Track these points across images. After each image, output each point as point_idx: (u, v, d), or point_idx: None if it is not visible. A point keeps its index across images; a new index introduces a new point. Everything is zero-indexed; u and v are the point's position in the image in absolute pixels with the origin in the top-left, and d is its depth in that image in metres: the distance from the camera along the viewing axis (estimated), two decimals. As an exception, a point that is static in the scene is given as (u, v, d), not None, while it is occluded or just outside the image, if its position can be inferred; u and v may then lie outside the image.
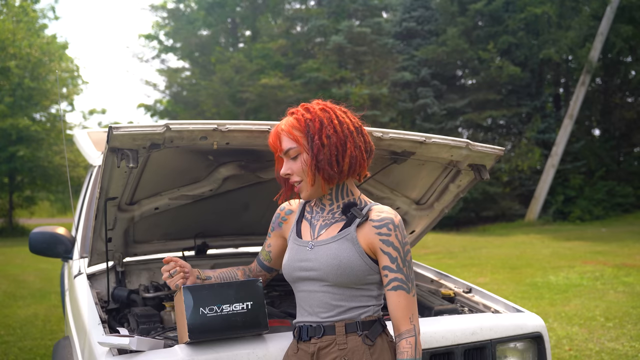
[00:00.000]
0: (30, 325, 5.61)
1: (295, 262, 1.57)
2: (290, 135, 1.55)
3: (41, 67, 18.51)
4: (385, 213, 1.54)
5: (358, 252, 1.51)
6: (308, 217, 1.66)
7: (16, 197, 20.04)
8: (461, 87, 21.29)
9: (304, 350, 1.53)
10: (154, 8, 25.08)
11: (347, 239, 1.52)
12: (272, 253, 1.81)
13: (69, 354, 2.13)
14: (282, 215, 1.76)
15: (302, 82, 19.73)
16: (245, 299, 1.61)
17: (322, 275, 1.51)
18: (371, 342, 1.49)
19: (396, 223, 1.52)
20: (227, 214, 2.47)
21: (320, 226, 1.60)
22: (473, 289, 2.52)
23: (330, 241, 1.54)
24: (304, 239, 1.61)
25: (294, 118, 1.58)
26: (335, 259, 1.50)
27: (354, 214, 1.56)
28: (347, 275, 1.49)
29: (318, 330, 1.52)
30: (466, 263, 9.33)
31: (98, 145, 3.88)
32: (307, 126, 1.54)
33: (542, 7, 18.18)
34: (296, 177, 1.57)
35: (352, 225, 1.54)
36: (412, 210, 2.61)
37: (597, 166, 19.69)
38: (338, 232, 1.55)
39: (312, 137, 1.53)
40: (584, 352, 4.28)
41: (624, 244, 10.74)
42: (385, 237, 1.50)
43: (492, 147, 2.19)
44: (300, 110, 1.59)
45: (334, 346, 1.49)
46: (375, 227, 1.52)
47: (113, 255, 2.38)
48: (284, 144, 1.57)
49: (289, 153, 1.56)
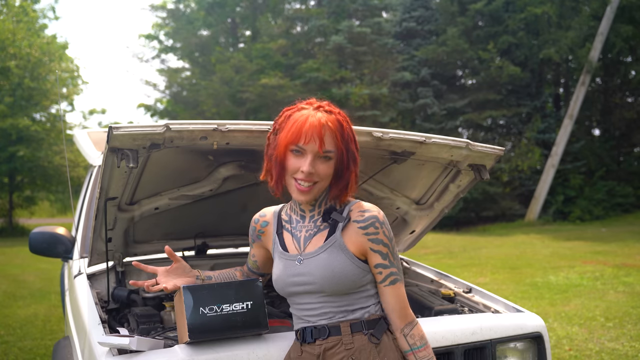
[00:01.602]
0: (30, 325, 5.61)
1: (287, 278, 1.54)
2: (335, 137, 1.46)
3: (41, 67, 18.51)
4: (369, 212, 1.51)
5: (349, 258, 1.48)
6: (288, 227, 1.61)
7: (16, 197, 20.04)
8: (461, 87, 21.28)
9: (309, 353, 1.51)
10: (154, 8, 25.08)
11: (335, 246, 1.49)
12: (258, 262, 1.78)
13: (69, 354, 2.12)
14: (258, 228, 1.70)
15: (302, 82, 19.72)
16: (245, 299, 1.61)
17: (318, 288, 1.49)
18: (377, 340, 1.48)
19: (381, 220, 1.50)
20: (227, 214, 2.47)
21: (305, 238, 1.55)
22: (473, 289, 2.52)
23: (319, 252, 1.51)
24: (291, 252, 1.56)
25: (337, 120, 1.48)
26: (328, 269, 1.47)
27: (336, 219, 1.53)
28: (343, 284, 1.47)
29: (323, 331, 1.50)
30: (466, 263, 9.32)
31: (98, 145, 3.88)
32: (348, 136, 1.50)
33: (542, 7, 18.17)
34: (316, 178, 1.47)
35: (336, 232, 1.51)
36: (412, 210, 2.61)
37: (597, 166, 19.68)
38: (325, 242, 1.51)
39: (351, 151, 1.50)
40: (584, 352, 4.28)
41: (624, 244, 10.74)
42: (373, 237, 1.49)
43: (492, 147, 2.19)
44: (336, 110, 1.51)
45: (340, 346, 1.47)
46: (361, 227, 1.49)
47: (113, 255, 2.38)
48: (327, 143, 1.45)
49: (327, 154, 1.46)
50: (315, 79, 19.42)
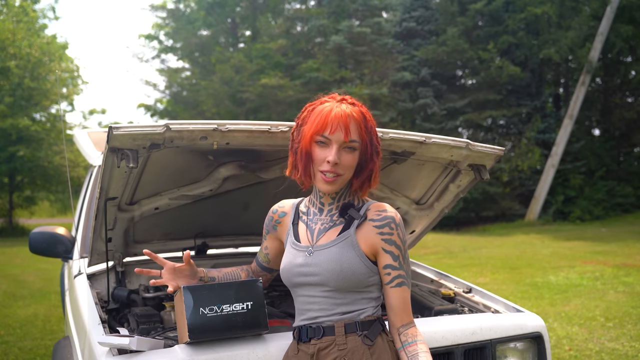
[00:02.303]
0: (30, 325, 5.61)
1: (295, 268, 1.54)
2: (360, 128, 1.48)
3: (41, 67, 18.51)
4: (386, 212, 1.52)
5: (359, 256, 1.49)
6: (304, 219, 1.62)
7: (16, 197, 20.04)
8: (461, 87, 21.28)
9: (304, 352, 1.52)
10: (154, 8, 25.08)
11: (347, 242, 1.50)
12: (270, 255, 1.78)
13: (69, 354, 2.12)
14: (276, 218, 1.71)
15: (302, 82, 19.73)
16: (245, 299, 1.61)
17: (322, 281, 1.49)
18: (371, 341, 1.48)
19: (397, 221, 1.51)
20: (227, 214, 2.47)
21: (319, 230, 1.56)
22: (473, 289, 2.52)
23: (330, 245, 1.51)
24: (303, 243, 1.57)
25: (360, 112, 1.51)
26: (337, 263, 1.48)
27: (352, 215, 1.53)
28: (349, 280, 1.48)
29: (318, 331, 1.50)
30: (466, 263, 9.32)
31: (98, 145, 3.88)
32: (371, 128, 1.52)
33: (542, 7, 18.18)
34: (340, 170, 1.48)
35: (351, 228, 1.52)
36: (412, 210, 2.61)
37: (597, 166, 19.68)
38: (337, 236, 1.52)
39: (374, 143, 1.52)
40: (584, 352, 4.28)
41: (624, 244, 10.74)
42: (387, 237, 1.49)
43: (492, 147, 2.19)
44: (358, 103, 1.53)
45: (333, 347, 1.48)
46: (376, 227, 1.50)
47: (113, 255, 2.38)
48: (353, 133, 1.47)
49: (352, 144, 1.47)
50: (315, 79, 19.42)
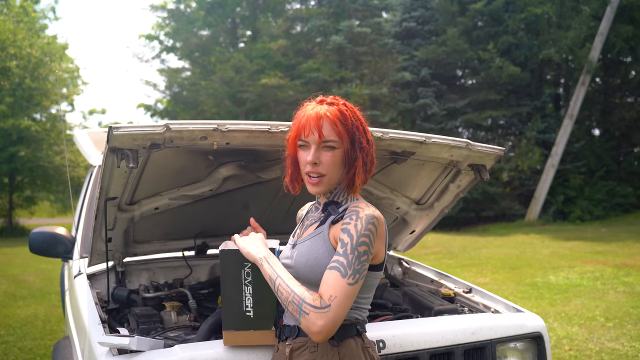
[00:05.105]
0: (30, 325, 5.61)
1: (282, 260, 1.58)
2: (335, 126, 1.47)
3: (41, 67, 18.50)
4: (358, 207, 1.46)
5: (327, 250, 1.46)
6: (304, 217, 1.70)
7: (16, 197, 20.04)
8: (461, 87, 21.27)
9: (282, 351, 1.53)
10: (154, 8, 25.08)
11: (320, 236, 1.50)
12: None
13: (69, 354, 2.12)
14: (297, 220, 1.84)
15: (302, 82, 19.73)
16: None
17: (295, 273, 1.49)
18: (336, 342, 1.44)
19: (361, 215, 1.42)
20: (227, 214, 2.47)
21: (306, 226, 1.61)
22: (473, 289, 2.52)
23: (306, 239, 1.54)
24: (292, 238, 1.65)
25: (338, 110, 1.50)
26: (304, 256, 1.49)
27: (330, 212, 1.53)
28: (314, 272, 1.45)
29: (293, 330, 1.51)
30: (466, 263, 9.32)
31: (98, 145, 3.88)
32: (352, 125, 1.50)
33: (542, 7, 18.17)
34: (322, 170, 1.49)
35: (326, 223, 1.51)
36: (412, 210, 2.62)
37: (597, 166, 19.67)
38: (314, 230, 1.54)
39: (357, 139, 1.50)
40: (584, 352, 4.28)
41: (624, 244, 10.74)
42: (345, 226, 1.43)
43: (492, 147, 2.19)
44: (339, 102, 1.53)
45: (305, 349, 1.47)
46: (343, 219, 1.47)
47: (113, 255, 2.38)
48: (326, 132, 1.47)
49: (328, 143, 1.48)
50: (315, 79, 19.43)
